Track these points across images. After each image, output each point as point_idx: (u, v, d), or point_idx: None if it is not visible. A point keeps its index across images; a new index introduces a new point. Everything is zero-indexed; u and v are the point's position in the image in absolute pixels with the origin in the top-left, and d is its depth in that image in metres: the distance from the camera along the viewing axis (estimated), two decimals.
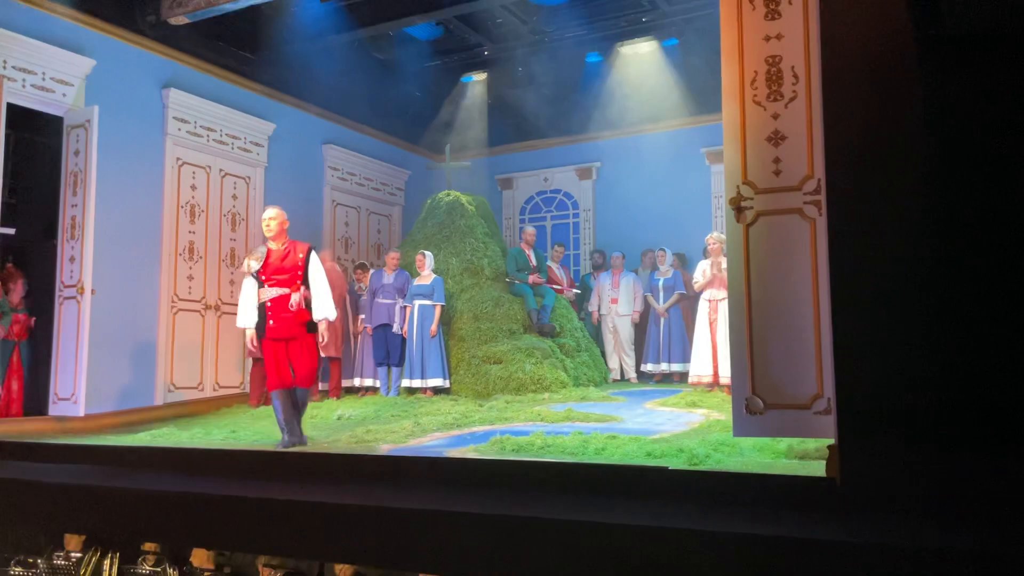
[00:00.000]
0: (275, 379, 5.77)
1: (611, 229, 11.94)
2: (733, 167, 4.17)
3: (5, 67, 7.38)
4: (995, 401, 3.28)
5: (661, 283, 9.71)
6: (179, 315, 8.81)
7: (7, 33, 7.36)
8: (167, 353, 8.62)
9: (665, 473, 4.04)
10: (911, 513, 3.28)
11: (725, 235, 4.55)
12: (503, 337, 8.87)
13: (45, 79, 7.69)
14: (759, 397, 4.03)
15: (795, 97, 4.07)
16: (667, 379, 9.62)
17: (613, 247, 10.81)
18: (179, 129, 8.92)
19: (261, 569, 5.11)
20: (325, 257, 7.76)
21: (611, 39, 10.11)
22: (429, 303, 8.70)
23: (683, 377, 8.98)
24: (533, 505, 3.81)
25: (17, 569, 5.46)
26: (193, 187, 9.11)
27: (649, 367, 9.75)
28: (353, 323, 9.28)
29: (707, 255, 7.99)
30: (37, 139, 8.08)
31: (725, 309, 6.90)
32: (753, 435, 4.16)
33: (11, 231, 8.00)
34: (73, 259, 7.59)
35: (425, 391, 8.54)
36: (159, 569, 5.22)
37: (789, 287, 4.02)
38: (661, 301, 9.67)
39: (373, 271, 9.35)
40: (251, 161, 9.84)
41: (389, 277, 9.07)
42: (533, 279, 9.53)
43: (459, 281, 9.49)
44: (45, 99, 7.74)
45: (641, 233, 11.16)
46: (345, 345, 9.21)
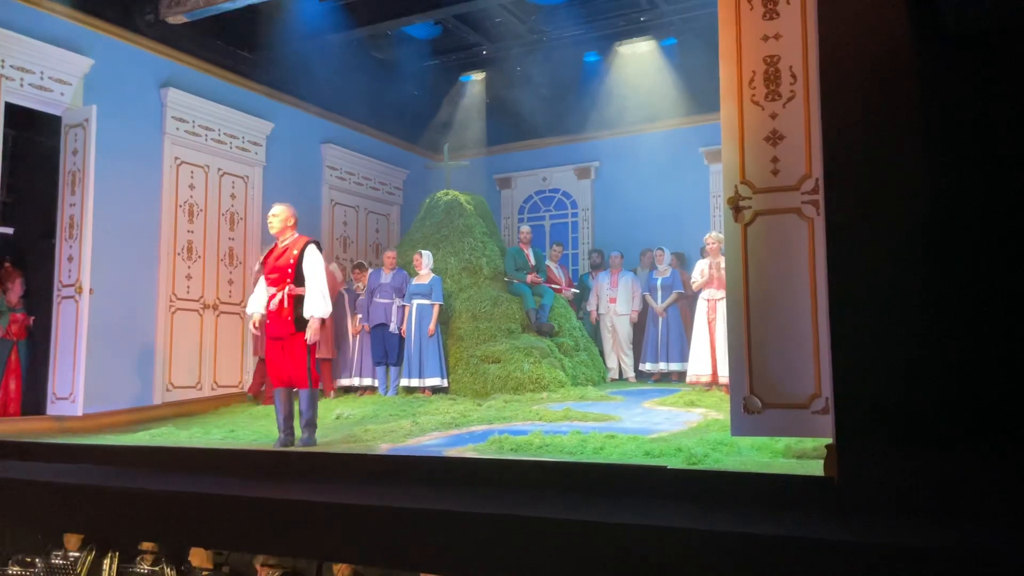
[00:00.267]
0: (273, 377, 5.82)
1: (609, 228, 11.95)
2: (731, 167, 4.18)
3: (3, 66, 7.38)
4: (993, 400, 3.29)
5: (659, 282, 9.71)
6: (177, 314, 8.80)
7: (5, 32, 7.35)
8: (165, 352, 8.61)
9: (663, 472, 4.04)
10: (909, 512, 3.28)
11: (723, 234, 4.55)
12: (501, 336, 8.87)
13: (43, 78, 7.69)
14: (757, 396, 4.03)
15: (793, 97, 4.08)
16: (665, 378, 9.63)
17: (611, 246, 10.82)
18: (177, 128, 8.91)
19: (259, 568, 5.11)
20: None
21: (609, 38, 10.12)
22: (427, 302, 8.70)
23: (681, 376, 8.99)
24: (531, 504, 3.81)
25: (15, 568, 5.46)
26: (191, 186, 9.11)
27: (647, 366, 9.76)
28: (351, 322, 9.28)
29: (704, 255, 7.99)
30: (35, 138, 8.07)
31: (723, 309, 6.91)
32: (751, 434, 4.17)
33: (9, 231, 7.99)
34: (71, 258, 7.58)
35: (423, 390, 8.54)
36: (157, 568, 5.23)
37: (787, 286, 4.02)
38: (659, 300, 9.67)
39: (372, 270, 9.35)
40: (249, 160, 9.83)
41: (387, 276, 9.06)
42: (531, 278, 9.53)
43: (457, 280, 9.49)
44: (43, 98, 7.73)
45: (639, 232, 11.17)
46: (344, 345, 9.21)
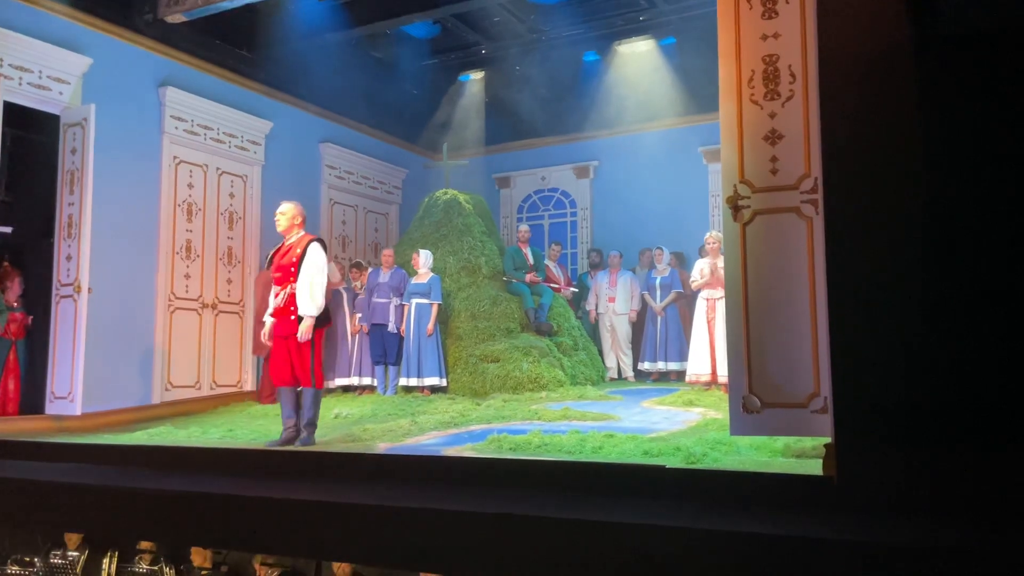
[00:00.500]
0: (277, 376, 5.82)
1: (608, 228, 11.95)
2: (730, 166, 4.18)
3: (2, 65, 7.36)
4: (991, 399, 3.29)
5: (658, 282, 9.72)
6: (176, 314, 8.79)
7: (4, 31, 7.34)
8: (164, 352, 8.61)
9: (662, 472, 4.05)
10: (907, 511, 3.28)
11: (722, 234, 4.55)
12: (500, 336, 8.87)
13: (42, 77, 7.68)
14: (756, 396, 4.03)
15: (792, 96, 4.07)
16: (664, 378, 9.62)
17: (610, 246, 10.82)
18: (176, 127, 8.90)
19: (258, 568, 5.11)
20: None
21: (608, 38, 10.12)
22: (426, 302, 8.70)
23: (680, 376, 9.00)
24: (530, 504, 3.81)
25: (14, 568, 5.46)
26: (190, 185, 9.10)
27: (646, 366, 9.76)
28: (351, 322, 9.28)
29: (703, 254, 7.99)
30: (34, 137, 8.05)
31: (723, 308, 6.91)
32: (750, 434, 4.17)
33: (8, 230, 7.98)
34: (70, 258, 7.57)
35: (422, 390, 8.54)
36: (156, 568, 5.22)
37: (786, 286, 4.02)
38: (658, 300, 9.67)
39: (371, 270, 9.35)
40: (248, 160, 9.82)
41: (385, 276, 9.06)
42: (530, 278, 9.53)
43: (456, 280, 9.49)
44: (42, 97, 7.72)
45: (638, 232, 11.17)
46: (339, 344, 9.20)
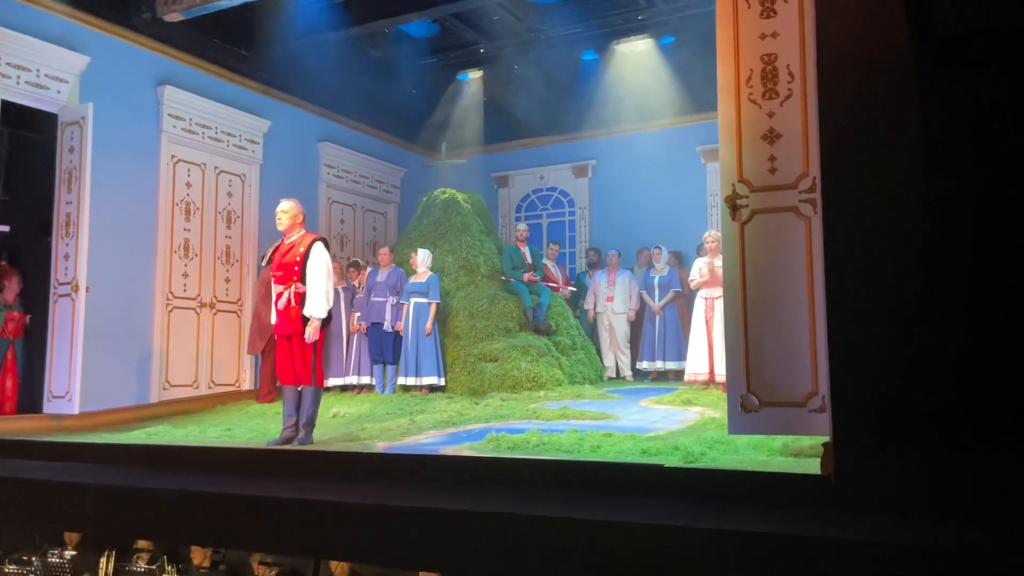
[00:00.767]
0: (280, 375, 5.82)
1: (607, 227, 11.95)
2: (728, 165, 4.18)
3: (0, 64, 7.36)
4: (990, 398, 3.29)
5: (656, 281, 9.72)
6: (174, 313, 8.78)
7: (1, 30, 7.32)
8: (162, 351, 8.60)
9: (660, 471, 4.04)
10: (905, 510, 3.29)
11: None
12: (499, 335, 8.87)
13: (40, 76, 7.66)
14: (754, 395, 4.04)
15: (790, 95, 4.07)
16: (662, 377, 9.62)
17: (609, 245, 10.82)
18: (174, 126, 8.89)
19: (256, 567, 5.11)
20: None
21: (607, 37, 10.12)
22: (425, 301, 8.70)
23: (678, 375, 9.00)
24: (528, 502, 3.81)
25: (12, 567, 5.45)
26: (188, 184, 9.09)
27: (644, 365, 9.76)
28: (348, 321, 9.27)
29: (700, 253, 7.99)
30: (31, 136, 8.04)
31: (721, 307, 6.91)
32: (748, 433, 4.17)
33: (5, 228, 7.97)
34: (68, 256, 7.56)
35: (421, 389, 8.54)
36: (154, 567, 5.22)
37: (784, 285, 4.02)
38: (657, 299, 9.68)
39: (370, 269, 9.34)
40: (246, 158, 9.81)
41: (382, 275, 9.06)
42: (529, 277, 9.53)
43: (455, 279, 9.49)
44: (40, 96, 7.71)
45: (637, 231, 11.16)
46: (335, 343, 9.19)
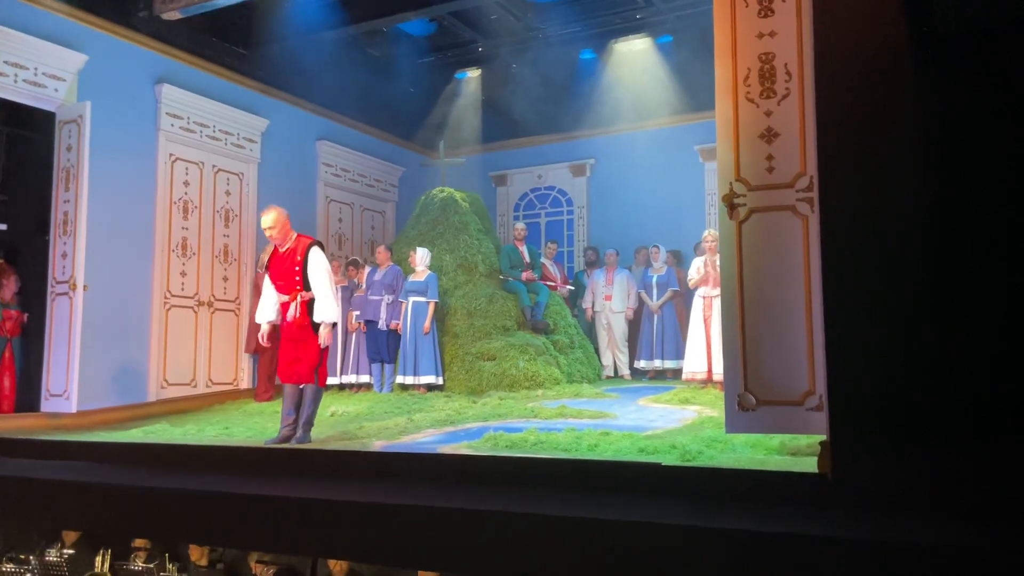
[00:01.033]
0: (283, 374, 5.82)
1: (605, 226, 11.96)
2: (726, 164, 4.18)
3: None
4: (986, 397, 3.30)
5: (655, 280, 9.72)
6: (172, 311, 8.78)
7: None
8: (160, 349, 8.59)
9: (658, 469, 4.05)
10: (902, 509, 3.29)
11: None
12: (497, 334, 8.87)
13: (37, 74, 7.65)
14: (751, 394, 4.04)
15: (788, 94, 4.08)
16: (660, 376, 9.64)
17: (607, 244, 10.83)
18: (172, 125, 8.88)
19: (254, 565, 5.11)
20: None
21: (605, 36, 10.11)
22: (423, 300, 8.70)
23: (676, 374, 9.01)
24: (526, 501, 3.81)
25: (9, 566, 5.44)
26: (186, 183, 9.08)
27: (642, 364, 9.77)
28: (349, 320, 9.27)
29: (698, 252, 8.00)
30: (29, 135, 8.04)
31: (719, 306, 6.91)
32: (745, 431, 4.17)
33: (3, 227, 7.97)
34: (65, 255, 7.56)
35: (418, 388, 8.54)
36: (151, 565, 5.22)
37: (782, 284, 4.03)
38: (655, 298, 9.68)
39: (369, 268, 9.34)
40: (244, 157, 9.80)
41: (380, 273, 9.06)
42: (527, 276, 9.53)
43: (453, 278, 9.49)
44: (37, 94, 7.70)
45: (635, 230, 11.16)
46: (335, 342, 9.18)
